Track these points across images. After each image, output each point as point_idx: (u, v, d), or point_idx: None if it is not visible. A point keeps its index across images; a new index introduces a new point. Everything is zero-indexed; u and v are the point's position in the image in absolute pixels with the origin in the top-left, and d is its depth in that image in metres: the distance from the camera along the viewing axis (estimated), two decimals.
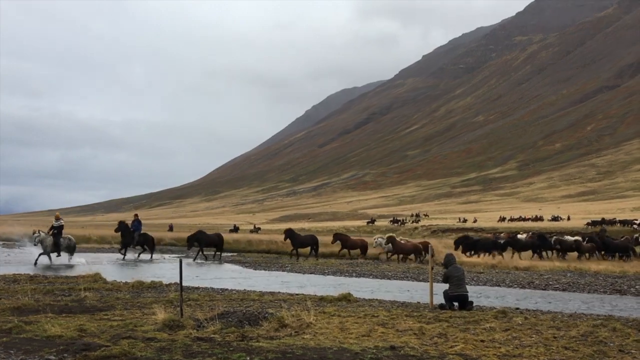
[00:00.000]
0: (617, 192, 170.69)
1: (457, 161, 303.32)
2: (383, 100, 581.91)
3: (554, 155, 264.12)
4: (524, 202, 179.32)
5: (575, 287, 24.15)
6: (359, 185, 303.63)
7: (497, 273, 29.34)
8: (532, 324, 13.33)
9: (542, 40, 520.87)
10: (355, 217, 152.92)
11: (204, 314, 13.33)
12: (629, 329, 12.81)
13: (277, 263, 34.99)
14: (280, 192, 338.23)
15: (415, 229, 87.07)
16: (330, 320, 13.35)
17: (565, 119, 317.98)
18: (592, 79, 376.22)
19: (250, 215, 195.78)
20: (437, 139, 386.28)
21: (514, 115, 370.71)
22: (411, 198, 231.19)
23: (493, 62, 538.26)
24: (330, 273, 29.24)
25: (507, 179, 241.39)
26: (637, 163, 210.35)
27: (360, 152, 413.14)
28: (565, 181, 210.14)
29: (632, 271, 30.38)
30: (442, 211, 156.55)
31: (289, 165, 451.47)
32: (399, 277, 27.94)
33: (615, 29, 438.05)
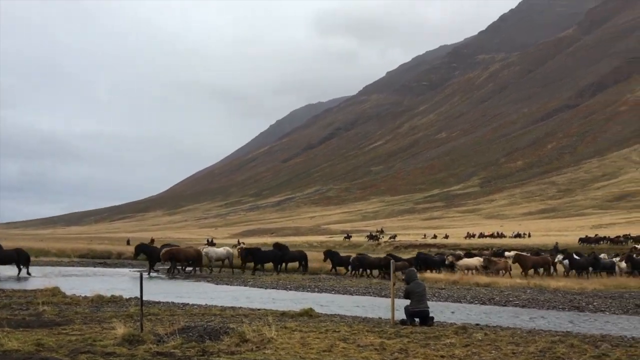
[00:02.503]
0: (576, 210, 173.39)
1: (420, 177, 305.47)
2: (347, 116, 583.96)
3: (516, 173, 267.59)
4: (485, 218, 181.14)
5: (535, 303, 24.42)
6: (322, 201, 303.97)
7: (459, 289, 29.56)
8: (491, 340, 13.46)
9: (504, 59, 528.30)
10: (318, 232, 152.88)
11: (164, 328, 13.22)
12: (586, 345, 13.00)
13: (240, 278, 34.83)
14: (243, 207, 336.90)
15: (378, 245, 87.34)
16: (292, 335, 13.32)
17: (527, 137, 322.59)
18: (553, 98, 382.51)
19: (212, 230, 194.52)
20: (400, 155, 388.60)
21: (476, 133, 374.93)
22: (374, 214, 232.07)
23: (456, 79, 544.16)
24: (292, 288, 29.19)
25: (469, 195, 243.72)
26: (596, 181, 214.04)
27: (324, 168, 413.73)
28: (526, 198, 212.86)
29: (591, 288, 30.84)
30: (405, 227, 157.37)
31: (252, 180, 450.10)
32: (361, 292, 28.00)
33: (575, 49, 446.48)
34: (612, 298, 26.50)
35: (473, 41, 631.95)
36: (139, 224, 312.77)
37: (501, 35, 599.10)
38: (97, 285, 27.08)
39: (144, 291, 14.38)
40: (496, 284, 32.07)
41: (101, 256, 55.85)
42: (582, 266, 41.18)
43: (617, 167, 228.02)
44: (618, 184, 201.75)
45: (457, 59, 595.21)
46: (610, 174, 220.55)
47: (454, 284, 32.23)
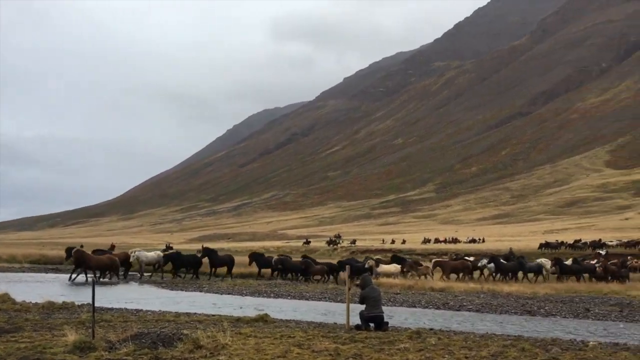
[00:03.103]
0: (529, 216, 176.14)
1: (376, 183, 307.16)
2: (304, 121, 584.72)
3: (470, 179, 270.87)
4: (441, 224, 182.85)
5: (488, 308, 24.71)
6: (279, 206, 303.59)
7: (414, 294, 29.76)
8: (445, 345, 13.58)
9: (459, 66, 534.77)
10: (275, 237, 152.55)
11: (116, 335, 13.05)
12: (536, 349, 13.20)
13: (195, 284, 34.55)
14: (199, 212, 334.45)
15: (334, 250, 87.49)
16: (247, 341, 13.26)
17: (481, 143, 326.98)
18: (506, 106, 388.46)
19: (168, 235, 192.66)
20: (357, 160, 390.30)
21: (432, 139, 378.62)
22: (331, 219, 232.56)
23: (412, 86, 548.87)
24: (248, 294, 29.06)
25: (424, 201, 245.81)
26: (548, 187, 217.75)
27: (281, 173, 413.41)
28: (480, 204, 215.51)
29: (543, 292, 31.33)
30: (361, 232, 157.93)
31: (209, 185, 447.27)
32: (317, 297, 28.01)
33: (528, 58, 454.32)
34: (562, 302, 26.97)
35: (429, 48, 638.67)
36: (93, 229, 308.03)
37: (456, 43, 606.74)
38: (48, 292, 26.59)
39: (96, 297, 14.18)
40: (451, 289, 32.37)
41: (53, 262, 54.70)
42: (507, 270, 41.69)
43: (569, 174, 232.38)
44: (569, 190, 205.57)
45: (414, 66, 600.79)
46: (561, 180, 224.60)
47: (409, 289, 32.44)
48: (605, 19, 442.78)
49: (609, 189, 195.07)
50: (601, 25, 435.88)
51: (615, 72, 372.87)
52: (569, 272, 41.72)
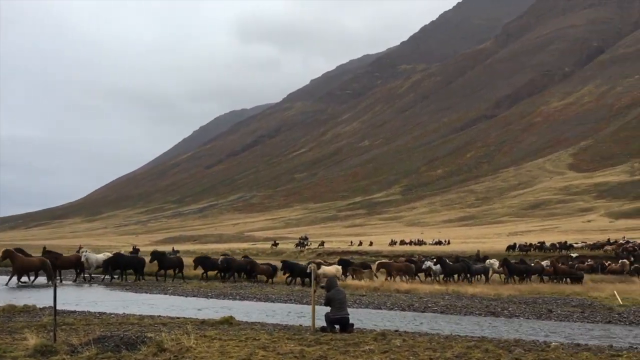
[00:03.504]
0: (494, 218, 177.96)
1: (343, 185, 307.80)
2: (271, 123, 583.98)
3: (436, 181, 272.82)
4: (407, 226, 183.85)
5: (453, 309, 24.88)
6: (245, 208, 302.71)
7: (379, 296, 29.83)
8: (410, 346, 13.63)
9: (425, 69, 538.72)
10: (241, 239, 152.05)
11: (79, 338, 12.88)
12: (500, 350, 13.32)
13: (160, 286, 34.26)
14: (165, 214, 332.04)
15: (301, 252, 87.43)
16: (211, 344, 13.18)
17: (447, 146, 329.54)
18: (471, 108, 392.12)
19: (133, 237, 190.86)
20: (324, 162, 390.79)
21: (398, 141, 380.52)
22: (297, 221, 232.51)
23: (378, 88, 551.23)
24: (213, 296, 28.89)
25: (391, 203, 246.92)
26: (512, 190, 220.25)
27: (248, 174, 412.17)
28: (446, 206, 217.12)
29: (506, 294, 31.62)
30: (327, 234, 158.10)
31: (174, 186, 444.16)
32: (283, 299, 27.96)
33: (493, 61, 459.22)
34: (526, 304, 27.25)
35: (395, 51, 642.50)
36: (55, 231, 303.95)
37: (422, 47, 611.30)
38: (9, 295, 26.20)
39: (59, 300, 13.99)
40: (416, 291, 32.53)
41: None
42: (453, 271, 42.01)
43: (532, 177, 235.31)
44: (533, 192, 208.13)
45: (380, 69, 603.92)
46: (525, 182, 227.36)
47: (375, 291, 32.51)
48: (568, 24, 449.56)
49: (571, 191, 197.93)
50: (564, 30, 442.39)
51: (578, 76, 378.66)
52: (517, 272, 42.08)
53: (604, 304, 27.16)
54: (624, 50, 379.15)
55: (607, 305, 26.59)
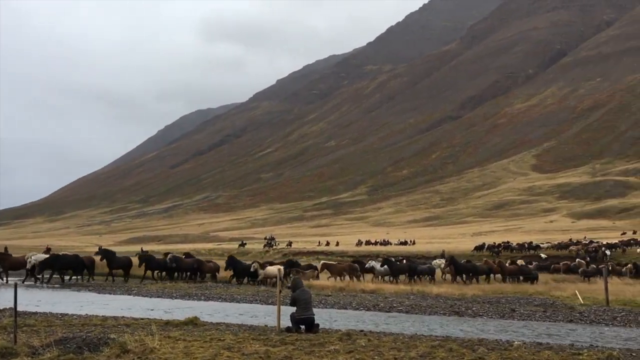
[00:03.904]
0: (458, 218, 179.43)
1: (309, 185, 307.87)
2: (237, 123, 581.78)
3: (402, 181, 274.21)
4: (372, 226, 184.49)
5: (418, 309, 25.01)
6: (211, 208, 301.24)
7: (345, 296, 29.88)
8: (374, 346, 13.68)
9: (392, 70, 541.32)
10: (207, 239, 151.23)
11: (40, 340, 12.70)
12: (464, 349, 13.43)
13: (124, 287, 33.93)
14: (129, 213, 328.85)
15: (267, 252, 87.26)
16: (175, 344, 13.09)
17: (412, 146, 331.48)
18: (437, 109, 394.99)
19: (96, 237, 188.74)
20: (290, 162, 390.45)
21: (364, 142, 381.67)
22: (263, 221, 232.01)
23: (345, 89, 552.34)
24: (178, 296, 28.69)
25: (357, 203, 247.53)
26: (477, 190, 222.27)
27: (214, 174, 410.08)
28: (411, 206, 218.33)
29: (470, 293, 31.89)
30: (293, 234, 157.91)
31: (139, 186, 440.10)
32: (248, 300, 27.87)
33: (458, 63, 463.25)
34: (489, 303, 27.52)
35: (361, 52, 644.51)
36: (16, 231, 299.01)
37: (388, 47, 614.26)
38: None
39: (20, 302, 13.78)
40: (381, 291, 32.64)
41: None
42: (399, 271, 42.16)
43: (496, 177, 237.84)
44: (497, 193, 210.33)
45: (346, 69, 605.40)
46: (489, 183, 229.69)
47: (340, 291, 32.57)
48: (532, 26, 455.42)
49: (534, 192, 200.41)
50: (527, 32, 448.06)
51: (541, 78, 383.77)
52: (464, 271, 42.40)
53: (566, 303, 27.54)
54: (586, 53, 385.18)
55: (569, 305, 26.97)
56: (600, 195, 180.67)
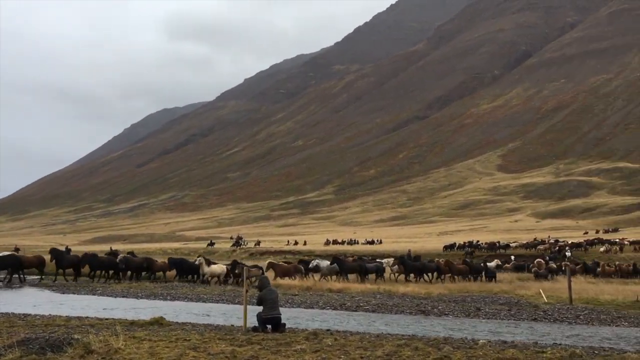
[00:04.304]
0: (425, 217, 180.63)
1: (276, 185, 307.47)
2: (204, 122, 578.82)
3: (369, 181, 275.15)
4: (339, 225, 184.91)
5: (384, 308, 25.08)
6: (177, 207, 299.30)
7: (312, 295, 29.85)
8: (341, 345, 13.68)
9: (359, 70, 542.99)
10: (173, 239, 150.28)
11: (2, 341, 12.50)
12: (429, 348, 13.49)
13: (88, 287, 33.51)
14: (94, 213, 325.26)
15: (234, 252, 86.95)
16: (141, 345, 12.95)
17: (379, 146, 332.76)
18: (404, 110, 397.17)
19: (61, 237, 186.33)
20: (257, 162, 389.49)
21: (331, 142, 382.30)
22: (230, 220, 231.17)
23: (312, 88, 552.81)
24: (144, 296, 28.43)
25: (324, 203, 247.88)
26: (443, 190, 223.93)
27: (181, 173, 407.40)
28: (378, 206, 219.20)
29: (436, 292, 32.07)
30: (260, 234, 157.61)
31: (104, 185, 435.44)
32: (215, 299, 27.71)
33: (425, 63, 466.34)
34: (455, 302, 27.71)
35: (329, 52, 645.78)
36: None
37: (356, 47, 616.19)
38: None
39: None
40: (348, 290, 32.66)
41: None
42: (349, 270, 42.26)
43: (462, 177, 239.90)
44: (463, 193, 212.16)
45: (314, 69, 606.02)
46: (455, 183, 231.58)
47: (307, 290, 32.53)
48: (497, 28, 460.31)
49: (500, 192, 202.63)
50: (493, 34, 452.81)
51: (507, 79, 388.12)
52: (413, 270, 42.64)
53: (530, 302, 27.85)
54: (551, 54, 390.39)
55: (533, 303, 27.28)
56: (564, 195, 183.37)
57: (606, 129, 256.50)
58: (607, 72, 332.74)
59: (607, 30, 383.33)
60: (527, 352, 13.37)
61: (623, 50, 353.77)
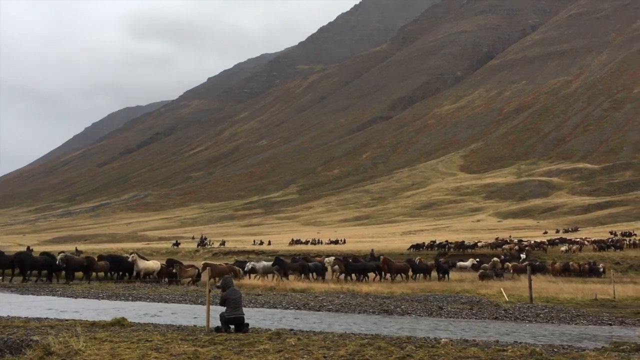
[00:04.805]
0: (388, 217, 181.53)
1: (240, 184, 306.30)
2: (167, 121, 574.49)
3: (332, 181, 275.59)
4: (303, 225, 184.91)
5: (347, 307, 25.13)
6: (140, 207, 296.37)
7: (275, 295, 29.80)
8: (304, 345, 13.67)
9: (323, 70, 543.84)
10: (135, 239, 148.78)
11: None
12: (392, 347, 13.55)
13: (48, 287, 33.00)
14: (54, 212, 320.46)
15: (197, 252, 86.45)
16: (102, 346, 12.80)
17: (343, 146, 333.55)
18: (368, 110, 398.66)
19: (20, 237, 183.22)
20: (221, 161, 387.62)
21: (295, 141, 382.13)
22: (193, 220, 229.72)
23: (277, 88, 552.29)
24: (105, 297, 28.09)
25: (288, 202, 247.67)
26: (406, 190, 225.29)
27: (143, 173, 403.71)
28: (342, 206, 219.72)
29: (399, 292, 32.25)
30: (224, 234, 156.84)
31: (65, 185, 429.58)
32: (177, 300, 27.50)
33: (389, 64, 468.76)
34: (418, 301, 27.88)
35: (293, 51, 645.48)
36: None
37: (320, 47, 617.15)
38: None
39: None
40: (311, 290, 32.67)
41: None
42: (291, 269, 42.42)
43: (425, 177, 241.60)
44: (426, 192, 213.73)
45: (278, 68, 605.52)
46: (419, 183, 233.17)
47: (270, 290, 32.47)
48: (460, 29, 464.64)
49: (462, 192, 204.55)
50: (456, 35, 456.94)
51: (469, 80, 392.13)
52: (353, 270, 42.87)
53: (492, 301, 28.15)
54: (512, 56, 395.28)
55: (494, 302, 27.58)
56: (525, 195, 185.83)
57: (566, 130, 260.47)
58: (567, 74, 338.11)
59: (567, 32, 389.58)
60: (489, 351, 13.50)
61: (582, 52, 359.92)
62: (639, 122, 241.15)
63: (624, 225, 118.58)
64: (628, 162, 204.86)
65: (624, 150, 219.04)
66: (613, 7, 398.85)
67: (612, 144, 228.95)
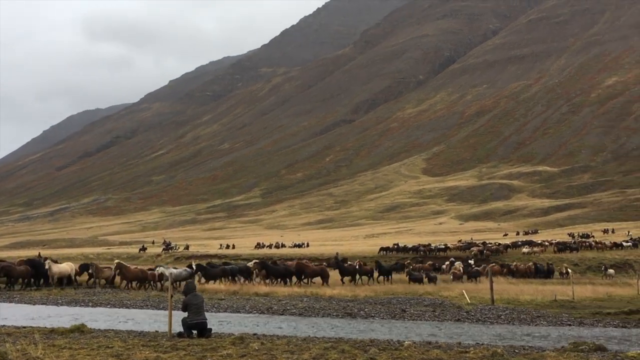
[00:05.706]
0: (352, 220, 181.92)
1: (202, 188, 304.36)
2: (127, 124, 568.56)
3: (296, 184, 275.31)
4: (266, 229, 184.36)
5: (311, 311, 25.11)
6: (100, 211, 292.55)
7: (238, 299, 29.66)
8: (268, 349, 13.61)
9: (286, 73, 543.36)
10: (96, 243, 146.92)
11: None
12: (356, 350, 13.56)
13: (5, 294, 32.39)
14: (11, 217, 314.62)
15: (158, 256, 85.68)
16: (61, 353, 12.58)
17: (307, 149, 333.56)
18: (330, 113, 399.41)
19: None
20: (183, 165, 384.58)
21: (258, 144, 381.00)
22: (155, 224, 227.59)
23: (239, 91, 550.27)
24: (64, 303, 27.67)
25: (251, 206, 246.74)
26: (370, 193, 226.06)
27: (103, 176, 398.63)
28: (305, 209, 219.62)
29: (363, 295, 32.33)
30: (186, 238, 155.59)
31: (22, 189, 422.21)
32: (139, 305, 27.20)
33: (351, 67, 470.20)
34: (381, 304, 27.98)
35: (256, 54, 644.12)
36: None
37: (283, 50, 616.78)
38: None
39: None
40: (275, 294, 32.61)
41: None
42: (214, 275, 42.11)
43: (388, 180, 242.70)
44: (389, 196, 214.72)
45: (240, 71, 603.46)
46: (382, 186, 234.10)
47: (233, 294, 32.31)
48: (422, 33, 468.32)
49: (424, 195, 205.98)
50: (418, 39, 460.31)
51: (431, 84, 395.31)
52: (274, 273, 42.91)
53: (454, 303, 28.38)
54: (474, 60, 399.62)
55: (457, 304, 27.81)
56: (486, 197, 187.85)
57: (526, 134, 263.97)
58: (527, 78, 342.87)
59: (526, 37, 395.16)
60: (451, 353, 13.59)
61: (542, 57, 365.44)
62: (597, 125, 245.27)
63: (582, 227, 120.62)
64: (586, 165, 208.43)
65: (582, 153, 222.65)
66: (571, 12, 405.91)
67: (570, 147, 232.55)
